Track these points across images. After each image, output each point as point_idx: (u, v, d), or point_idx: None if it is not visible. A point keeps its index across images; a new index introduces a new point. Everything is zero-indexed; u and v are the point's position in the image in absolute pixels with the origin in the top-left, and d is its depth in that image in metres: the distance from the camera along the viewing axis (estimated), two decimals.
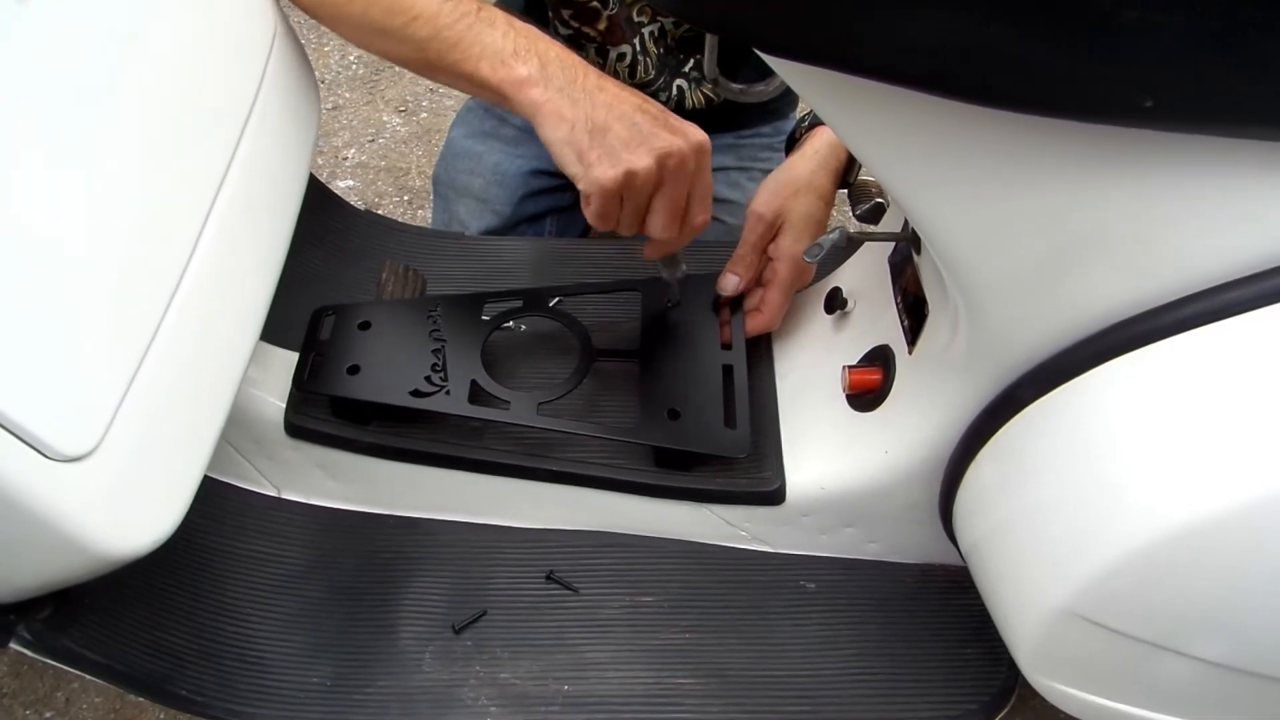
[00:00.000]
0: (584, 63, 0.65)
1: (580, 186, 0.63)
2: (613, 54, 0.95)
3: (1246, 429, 0.46)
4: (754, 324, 0.78)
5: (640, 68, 0.96)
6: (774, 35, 0.45)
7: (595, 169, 0.62)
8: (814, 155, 0.79)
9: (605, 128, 0.62)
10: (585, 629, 0.71)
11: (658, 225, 0.67)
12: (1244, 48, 0.37)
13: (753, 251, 0.77)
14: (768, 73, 0.80)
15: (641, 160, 0.62)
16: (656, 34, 0.94)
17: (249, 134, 0.67)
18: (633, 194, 0.64)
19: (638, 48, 0.95)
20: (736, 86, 0.68)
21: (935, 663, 0.70)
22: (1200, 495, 0.46)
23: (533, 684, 0.68)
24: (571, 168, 0.63)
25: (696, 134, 0.65)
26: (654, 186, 0.64)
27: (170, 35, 0.63)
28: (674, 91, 0.99)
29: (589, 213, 0.65)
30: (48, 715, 0.98)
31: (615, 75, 0.95)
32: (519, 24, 0.66)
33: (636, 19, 0.93)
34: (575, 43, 0.94)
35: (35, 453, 0.47)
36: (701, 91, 0.99)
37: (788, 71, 0.50)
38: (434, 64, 0.68)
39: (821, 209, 0.76)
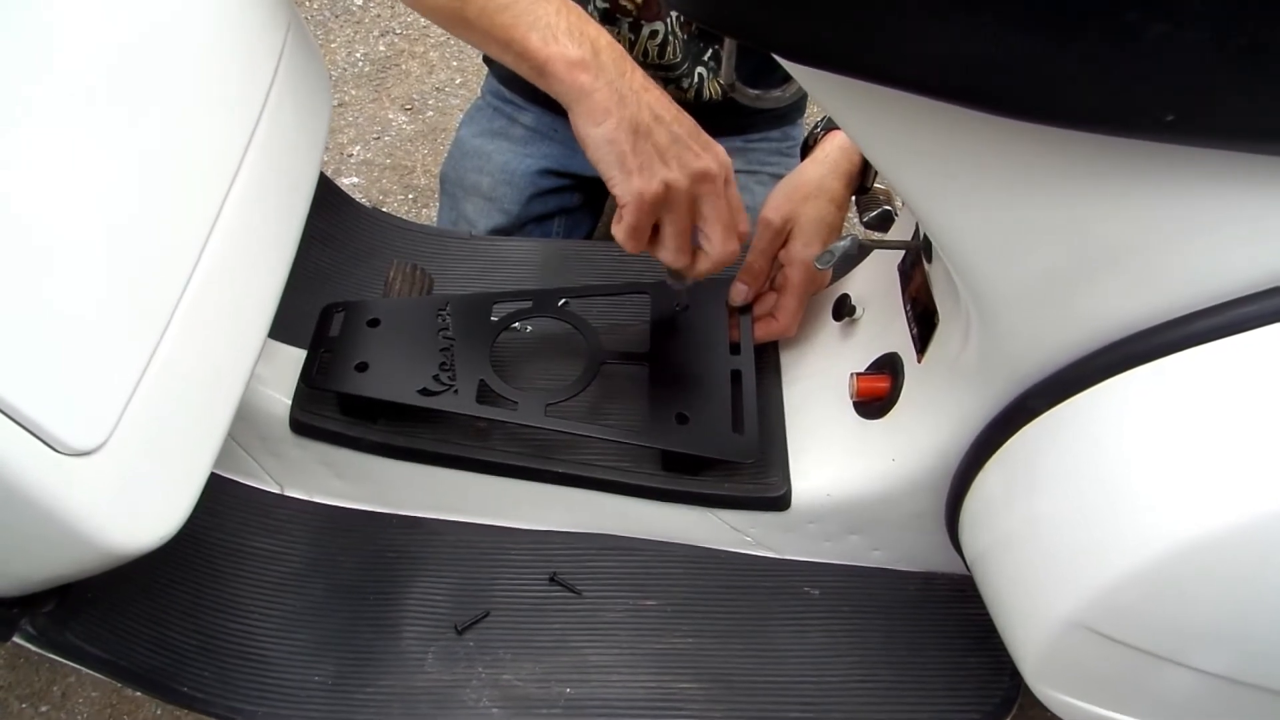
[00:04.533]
0: (629, 57, 0.64)
1: (615, 192, 0.62)
2: (645, 30, 0.94)
3: (1257, 444, 0.46)
4: (768, 330, 0.78)
5: (669, 49, 0.95)
6: (794, 41, 0.44)
7: (635, 179, 0.61)
8: (825, 159, 0.78)
9: (648, 131, 0.61)
10: (588, 632, 0.71)
11: (718, 240, 0.66)
12: (1269, 65, 0.37)
13: (762, 258, 0.77)
14: (784, 79, 0.80)
15: (676, 175, 0.62)
16: (683, 18, 0.94)
17: (261, 131, 0.67)
18: (670, 210, 0.63)
19: (668, 26, 0.94)
20: (753, 92, 0.68)
21: (938, 671, 0.70)
22: (1210, 509, 0.46)
23: (535, 686, 0.68)
24: (609, 170, 0.62)
25: (723, 153, 0.65)
26: (690, 203, 0.64)
27: (184, 31, 0.63)
28: (695, 79, 0.98)
29: (621, 228, 0.64)
30: (44, 709, 0.97)
31: (645, 54, 0.94)
32: (571, 4, 0.64)
33: None
34: (609, 16, 0.93)
35: (44, 446, 0.47)
36: (718, 82, 0.98)
37: (806, 77, 0.50)
38: (471, 21, 0.65)
39: (833, 212, 0.76)
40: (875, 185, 0.80)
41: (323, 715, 0.66)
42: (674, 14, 0.93)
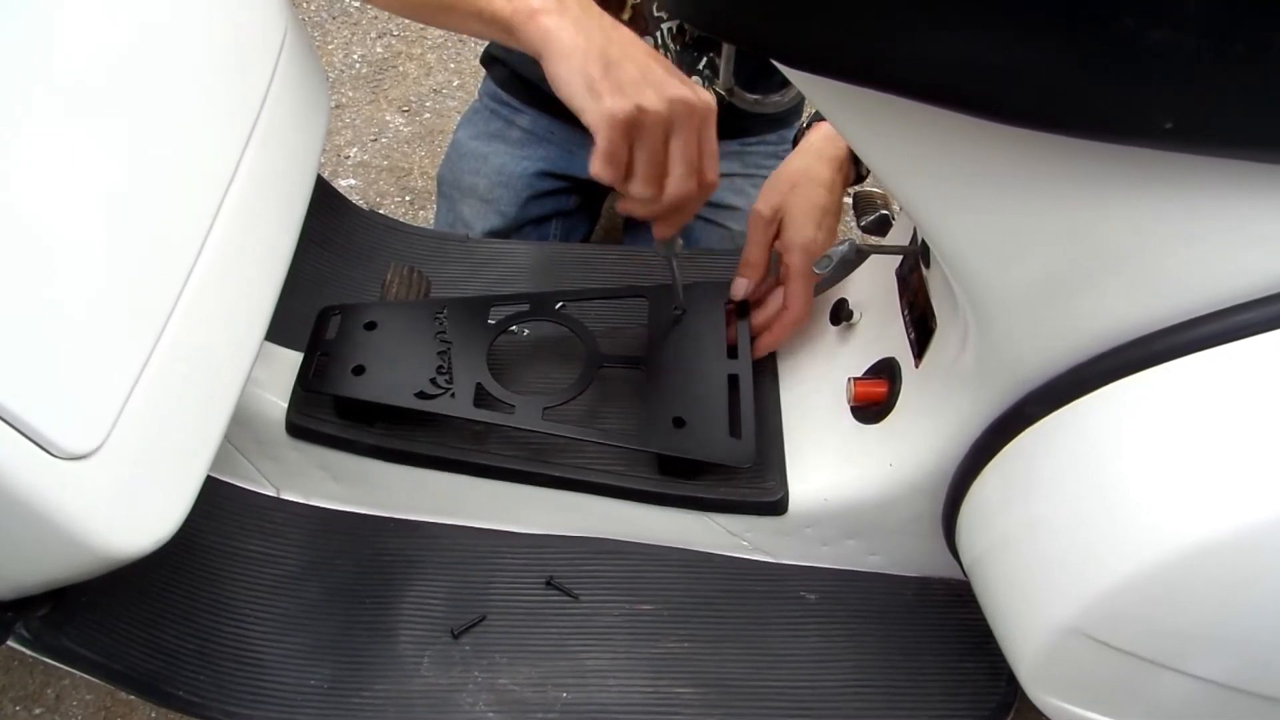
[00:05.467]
0: (599, 7, 0.63)
1: (587, 119, 0.61)
2: None
3: (1256, 450, 0.46)
4: (784, 323, 0.77)
5: None
6: (794, 48, 0.44)
7: (606, 100, 0.59)
8: (809, 149, 0.78)
9: (618, 62, 0.60)
10: (585, 636, 0.71)
11: (677, 176, 0.64)
12: (1266, 72, 0.37)
13: (757, 249, 0.76)
14: (782, 84, 0.80)
15: (651, 99, 0.60)
16: (675, 30, 0.94)
17: (258, 133, 0.66)
18: (643, 136, 0.61)
19: (657, 40, 0.94)
20: (752, 97, 0.68)
21: (934, 676, 0.70)
22: (1208, 516, 0.46)
23: (531, 690, 0.68)
24: (579, 100, 0.60)
25: (704, 93, 0.63)
26: (665, 131, 0.62)
27: (182, 32, 0.63)
28: None
29: (596, 156, 0.62)
30: (37, 712, 0.97)
31: None
32: None
33: (656, 13, 0.93)
34: None
35: (40, 450, 0.47)
36: (715, 89, 0.99)
37: (803, 82, 0.50)
38: (451, 4, 0.65)
39: (823, 195, 0.75)
40: (872, 189, 0.80)
41: (318, 719, 0.66)
42: (665, 27, 0.94)
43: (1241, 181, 0.43)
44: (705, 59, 0.97)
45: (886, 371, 0.70)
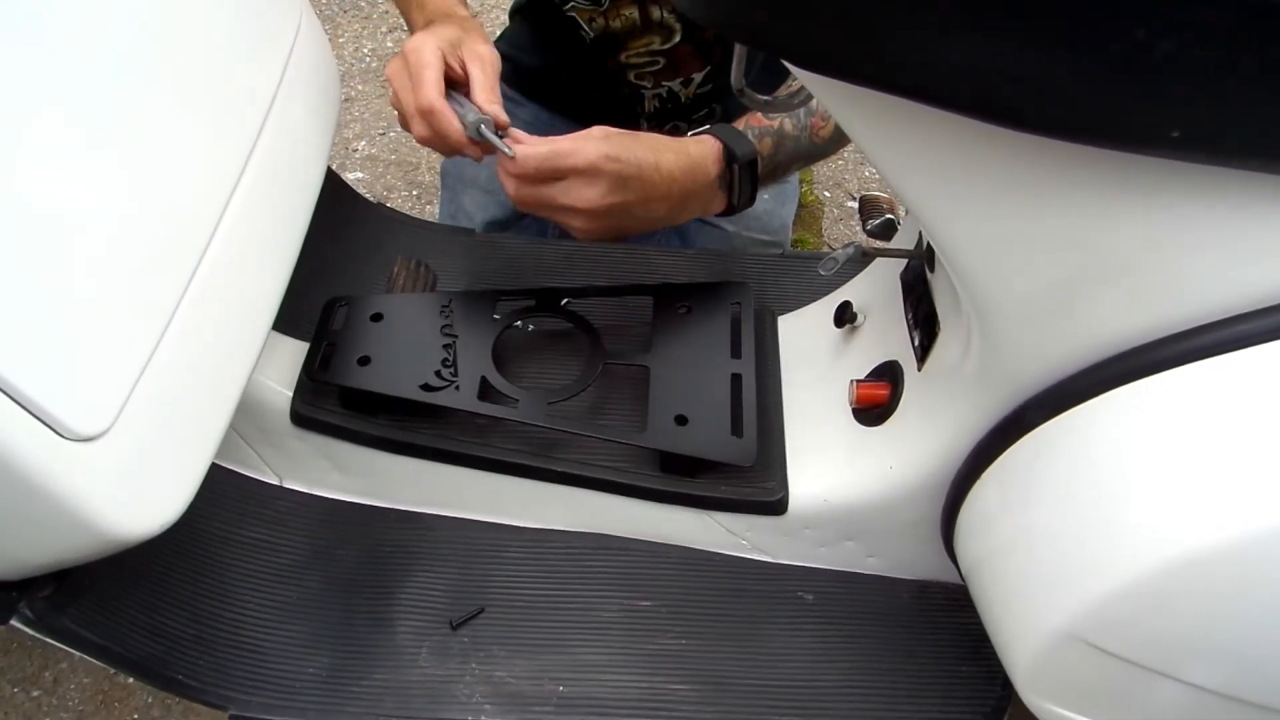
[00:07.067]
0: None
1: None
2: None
3: (1255, 460, 0.46)
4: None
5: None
6: (805, 49, 0.45)
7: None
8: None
9: None
10: (582, 631, 0.71)
11: None
12: (1273, 84, 0.37)
13: None
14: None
15: None
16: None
17: (270, 124, 0.67)
18: None
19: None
20: (763, 98, 0.68)
21: (930, 679, 0.70)
22: (1206, 524, 0.46)
23: (528, 683, 0.68)
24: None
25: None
26: None
27: (197, 23, 0.63)
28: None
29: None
30: (35, 694, 0.97)
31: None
32: None
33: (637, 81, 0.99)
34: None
35: (49, 431, 0.47)
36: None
37: (814, 84, 0.50)
38: None
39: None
40: (878, 194, 0.80)
41: (316, 707, 0.66)
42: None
43: (1246, 192, 0.44)
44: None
45: (889, 374, 0.70)
